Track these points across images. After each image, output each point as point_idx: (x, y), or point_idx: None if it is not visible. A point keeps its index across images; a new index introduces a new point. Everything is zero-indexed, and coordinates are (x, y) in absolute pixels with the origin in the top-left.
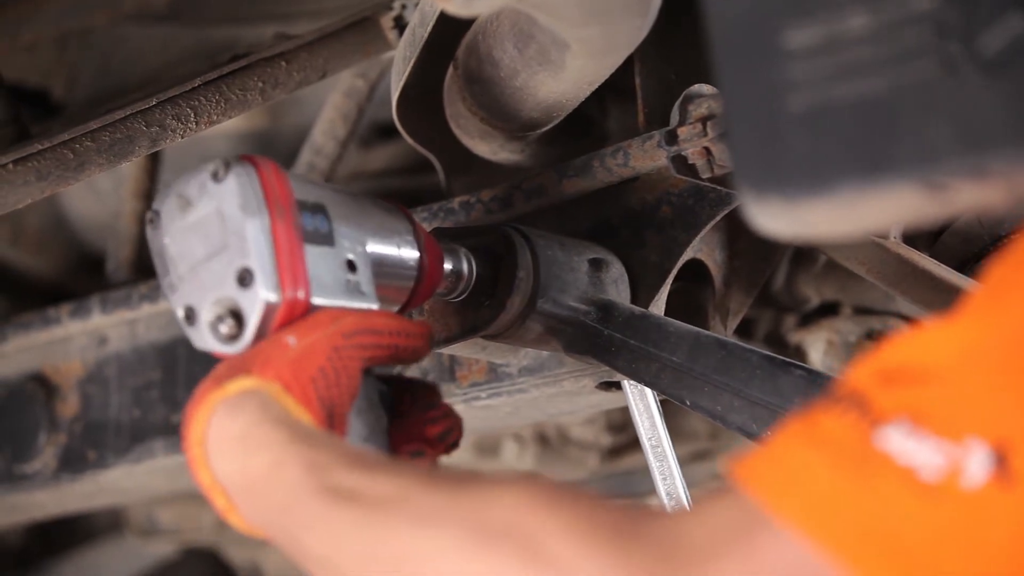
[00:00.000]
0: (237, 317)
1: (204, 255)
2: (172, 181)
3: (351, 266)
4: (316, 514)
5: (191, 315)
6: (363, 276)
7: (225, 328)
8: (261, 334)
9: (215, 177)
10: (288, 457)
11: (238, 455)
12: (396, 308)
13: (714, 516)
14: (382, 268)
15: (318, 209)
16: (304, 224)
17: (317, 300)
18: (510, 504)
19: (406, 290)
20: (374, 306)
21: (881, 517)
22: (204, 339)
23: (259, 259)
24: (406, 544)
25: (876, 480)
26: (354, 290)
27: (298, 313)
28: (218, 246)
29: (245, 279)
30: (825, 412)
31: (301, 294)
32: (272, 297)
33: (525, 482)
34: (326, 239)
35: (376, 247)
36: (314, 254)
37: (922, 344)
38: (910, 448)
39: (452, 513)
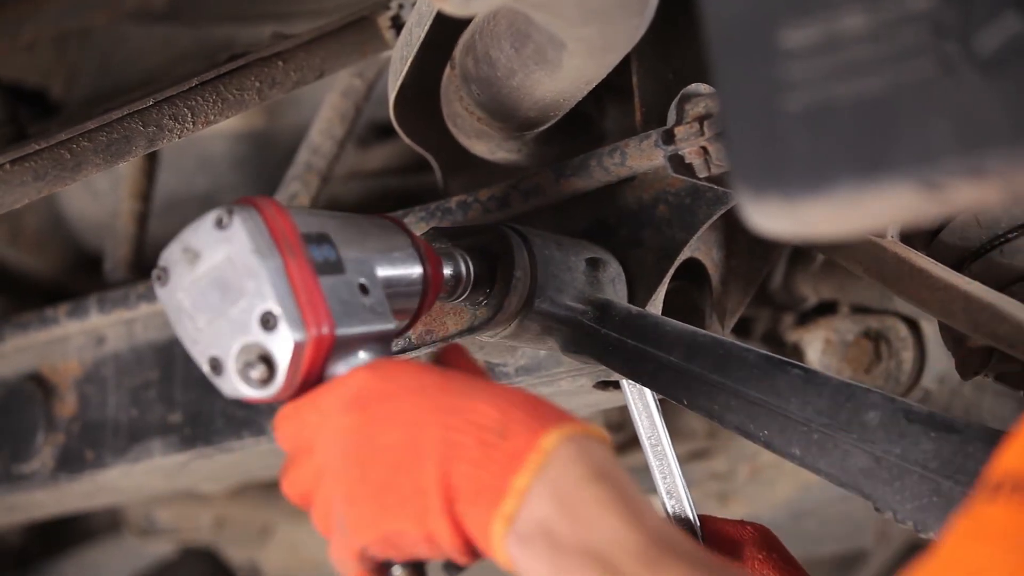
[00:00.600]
0: (266, 361)
1: (221, 304)
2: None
3: (363, 289)
4: None
5: (217, 365)
6: (376, 297)
7: (256, 373)
8: (294, 375)
9: (220, 225)
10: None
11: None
12: (405, 323)
13: None
14: (391, 287)
15: (323, 239)
16: (314, 257)
17: (341, 331)
18: None
19: (414, 303)
20: (391, 325)
21: None
22: (235, 387)
23: (279, 301)
24: None
25: None
26: (371, 312)
27: (325, 347)
28: (235, 294)
29: (269, 322)
30: (988, 503)
31: (326, 329)
32: (299, 336)
33: None
34: (336, 268)
35: (383, 266)
36: (328, 285)
37: None
38: None
39: None
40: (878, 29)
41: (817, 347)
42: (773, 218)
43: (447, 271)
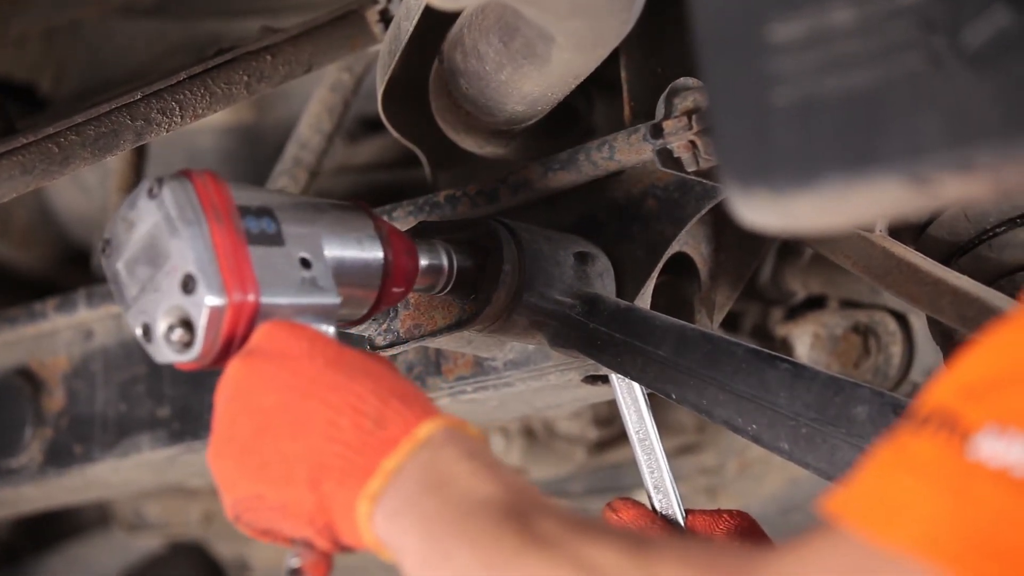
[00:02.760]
0: (187, 325)
1: (151, 271)
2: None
3: (305, 263)
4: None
5: (147, 331)
6: (319, 271)
7: (176, 336)
8: (213, 338)
9: (150, 194)
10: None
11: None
12: (366, 308)
13: (822, 561)
14: (343, 265)
15: (263, 212)
16: (248, 227)
17: (268, 300)
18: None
19: (373, 287)
20: (336, 300)
21: (983, 523)
22: (161, 352)
23: (198, 264)
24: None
25: (974, 490)
26: (311, 285)
27: (247, 314)
28: (162, 259)
29: (188, 285)
30: (914, 436)
31: (251, 296)
32: (217, 300)
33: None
34: (274, 240)
35: (332, 244)
36: (260, 254)
37: (995, 352)
38: (1000, 450)
39: None
40: (866, 23)
41: (806, 341)
42: (761, 212)
43: (424, 261)
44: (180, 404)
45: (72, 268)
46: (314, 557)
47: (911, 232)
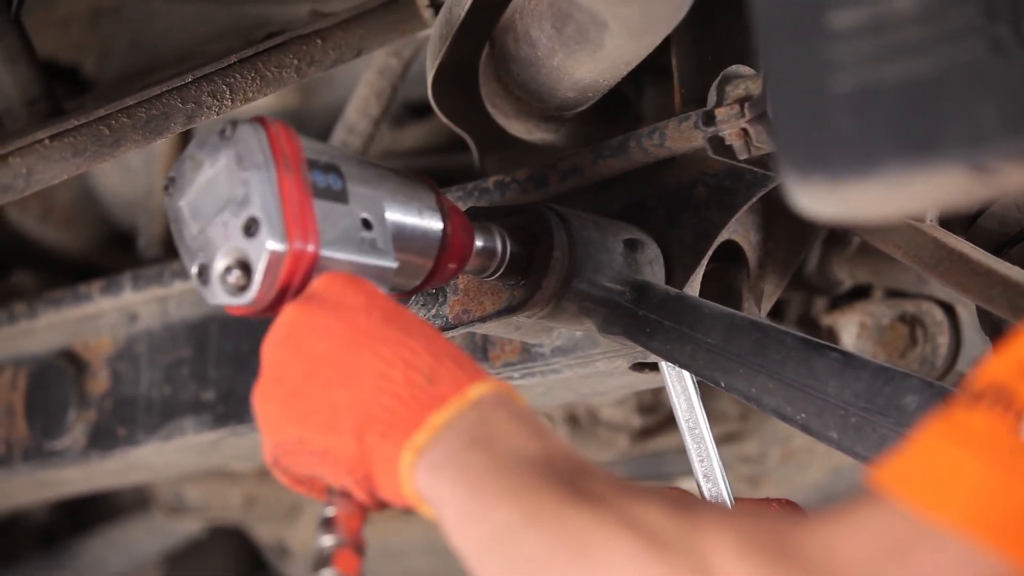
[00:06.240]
0: (245, 267)
1: (214, 211)
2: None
3: (366, 224)
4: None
5: (203, 272)
6: (379, 234)
7: (233, 278)
8: (269, 284)
9: (223, 135)
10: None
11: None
12: (419, 279)
13: (867, 529)
14: (402, 232)
15: (331, 168)
16: (315, 180)
17: (327, 253)
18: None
19: (429, 258)
20: (393, 264)
21: None
22: (215, 293)
23: (264, 208)
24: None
25: None
26: (370, 246)
27: (306, 263)
28: (226, 201)
29: (251, 228)
30: (967, 409)
31: (311, 246)
32: (278, 246)
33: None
34: (339, 196)
35: (394, 209)
36: (324, 209)
37: None
38: None
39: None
40: (928, 10)
41: (852, 331)
42: (819, 200)
43: (480, 242)
44: (225, 387)
45: (115, 251)
46: (349, 508)
47: (961, 223)
